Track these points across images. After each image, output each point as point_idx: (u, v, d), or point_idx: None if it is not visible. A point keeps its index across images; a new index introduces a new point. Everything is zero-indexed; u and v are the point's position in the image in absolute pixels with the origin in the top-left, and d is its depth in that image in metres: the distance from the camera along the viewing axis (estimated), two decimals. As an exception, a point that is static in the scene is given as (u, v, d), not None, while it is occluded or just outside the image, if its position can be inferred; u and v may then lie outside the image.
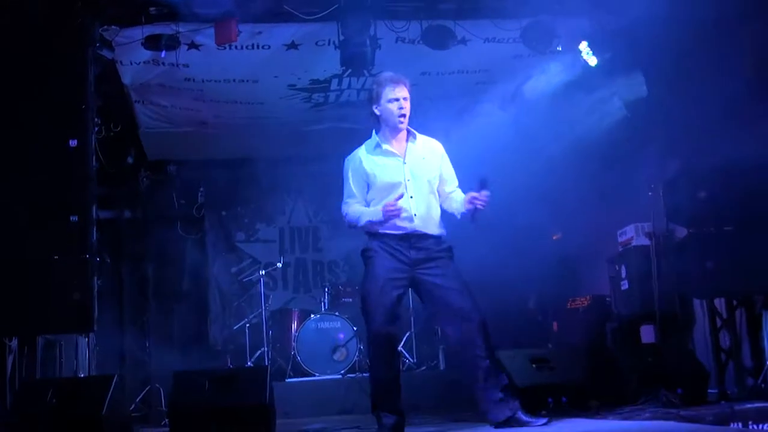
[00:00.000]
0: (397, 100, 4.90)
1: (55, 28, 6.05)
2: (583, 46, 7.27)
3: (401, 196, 4.79)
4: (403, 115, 4.92)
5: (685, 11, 6.02)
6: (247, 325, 9.22)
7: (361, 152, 5.04)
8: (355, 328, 8.58)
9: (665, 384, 5.63)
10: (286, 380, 8.28)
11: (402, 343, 8.91)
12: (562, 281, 8.66)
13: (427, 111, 8.12)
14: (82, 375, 7.03)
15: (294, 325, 9.12)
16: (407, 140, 4.99)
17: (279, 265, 9.63)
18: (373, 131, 5.09)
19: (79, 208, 5.76)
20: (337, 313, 8.82)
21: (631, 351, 6.35)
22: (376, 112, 4.99)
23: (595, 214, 8.23)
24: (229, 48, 6.92)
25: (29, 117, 5.85)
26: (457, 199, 4.98)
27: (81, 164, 5.85)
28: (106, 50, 6.83)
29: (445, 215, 5.07)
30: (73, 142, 5.80)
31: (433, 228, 4.91)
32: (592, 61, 7.30)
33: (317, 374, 8.37)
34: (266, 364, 8.36)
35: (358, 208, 4.94)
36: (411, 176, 4.90)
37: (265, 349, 8.82)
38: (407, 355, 8.71)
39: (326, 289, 9.43)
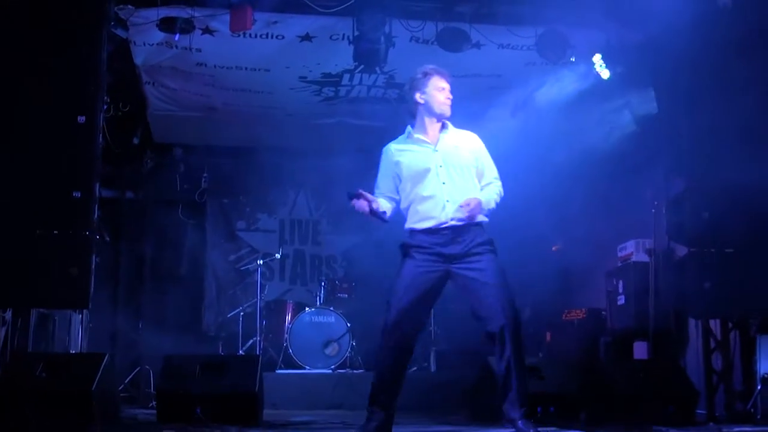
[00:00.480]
0: (444, 90, 4.92)
1: (71, 3, 6.04)
2: (597, 58, 7.27)
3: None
4: (448, 105, 4.91)
5: (700, 31, 6.03)
6: (241, 313, 9.23)
7: (393, 144, 5.04)
8: (348, 324, 8.58)
9: (655, 401, 5.63)
10: (277, 371, 8.29)
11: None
12: (558, 292, 8.66)
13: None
14: (74, 351, 7.04)
15: (288, 317, 9.12)
16: (440, 131, 4.96)
17: (277, 255, 9.63)
18: (408, 126, 5.05)
19: (83, 185, 5.73)
20: (332, 308, 8.83)
21: (623, 366, 6.34)
22: (420, 99, 4.94)
23: (596, 226, 8.24)
24: (242, 35, 6.92)
25: (40, 90, 5.83)
26: (484, 188, 4.93)
27: (88, 141, 5.82)
28: (120, 29, 6.82)
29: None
30: (81, 119, 5.78)
31: (470, 216, 4.76)
32: (605, 73, 7.30)
33: (308, 367, 8.37)
34: (258, 353, 8.36)
35: (381, 203, 4.91)
36: (443, 163, 4.84)
37: (258, 338, 8.82)
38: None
39: (323, 284, 9.43)
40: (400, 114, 8.84)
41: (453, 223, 4.75)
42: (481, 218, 4.82)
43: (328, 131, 9.55)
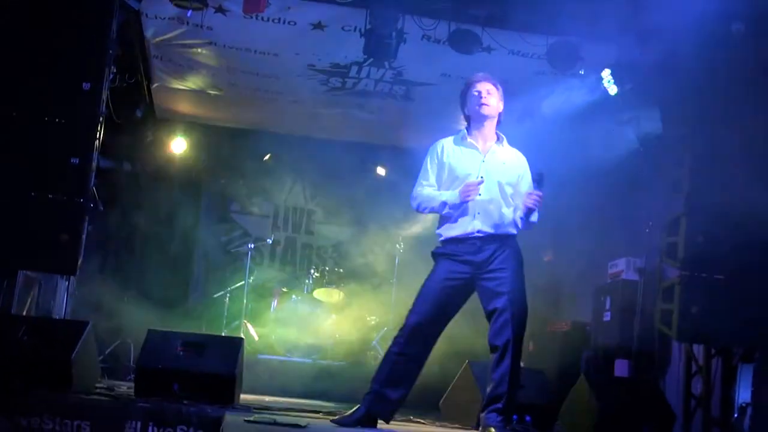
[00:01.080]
0: (479, 92, 4.95)
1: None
2: (606, 73, 7.28)
3: (482, 181, 4.80)
4: (483, 104, 4.93)
5: (711, 55, 6.03)
6: (228, 295, 9.22)
7: (446, 141, 5.07)
8: (333, 316, 8.58)
9: (631, 420, 5.63)
10: (258, 356, 8.28)
11: (378, 338, 8.94)
12: (545, 302, 8.66)
13: (440, 112, 8.13)
14: (57, 317, 7.03)
15: (274, 303, 9.12)
16: (495, 142, 5.01)
17: (269, 241, 9.65)
18: (464, 127, 5.11)
19: (82, 152, 5.72)
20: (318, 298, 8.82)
21: (603, 382, 6.34)
22: (465, 111, 5.07)
23: (589, 240, 8.24)
24: (255, 18, 6.91)
25: (47, 54, 5.81)
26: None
27: (91, 108, 5.80)
28: (132, 0, 6.82)
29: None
30: (86, 85, 5.77)
31: (498, 229, 4.86)
32: (613, 89, 7.31)
33: (289, 355, 8.37)
34: (240, 336, 8.34)
35: (431, 192, 4.95)
36: (486, 174, 4.89)
37: (242, 321, 8.82)
38: (380, 349, 8.70)
39: (311, 272, 9.42)
40: (406, 110, 8.92)
41: (479, 235, 4.83)
42: (511, 230, 4.91)
43: (331, 122, 9.54)
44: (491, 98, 4.96)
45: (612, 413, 5.65)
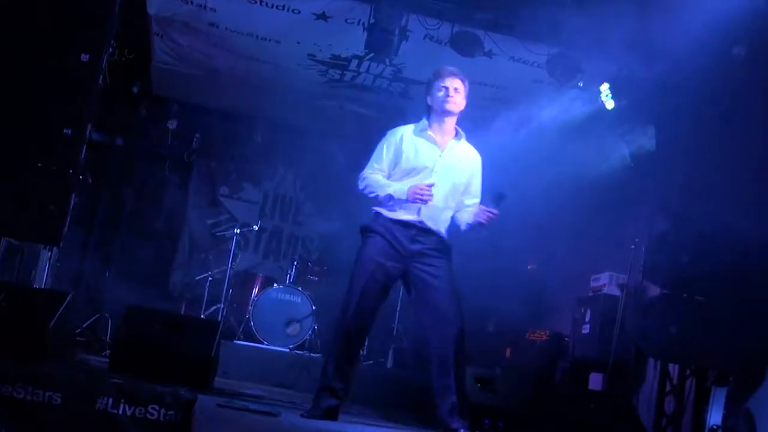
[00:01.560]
0: (446, 88, 4.94)
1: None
2: (604, 87, 7.31)
3: (433, 185, 4.77)
4: (448, 102, 4.93)
5: (710, 78, 6.04)
6: (210, 278, 9.21)
7: (406, 129, 5.06)
8: (314, 308, 8.57)
9: (602, 434, 5.67)
10: (235, 341, 8.26)
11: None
12: (525, 311, 8.68)
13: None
14: (37, 287, 6.99)
15: (255, 290, 9.11)
16: (453, 137, 5.02)
17: (255, 227, 9.61)
18: (424, 117, 5.09)
19: (75, 123, 5.68)
20: (300, 288, 8.80)
21: (576, 394, 6.37)
22: (428, 102, 5.05)
23: (574, 252, 8.26)
24: (259, 3, 6.91)
25: (49, 22, 5.77)
26: (470, 212, 4.97)
27: (88, 80, 5.76)
28: (138, -26, 6.81)
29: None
30: (84, 57, 5.73)
31: (439, 226, 4.90)
32: (610, 104, 7.34)
33: (266, 343, 8.35)
34: (219, 320, 8.34)
35: (380, 179, 4.93)
36: (440, 170, 4.90)
37: (221, 306, 8.81)
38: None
39: (295, 263, 9.40)
40: (403, 108, 8.90)
41: (422, 225, 4.84)
42: (445, 231, 4.93)
43: (327, 113, 9.53)
44: (458, 96, 4.97)
45: (584, 426, 5.67)
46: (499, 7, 6.89)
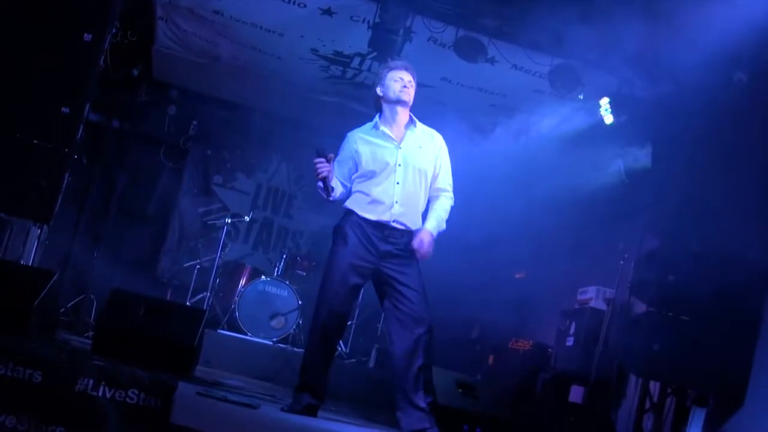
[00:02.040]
0: (402, 79, 4.93)
1: None
2: (604, 101, 7.32)
3: (329, 155, 4.71)
4: (404, 91, 4.92)
5: (710, 101, 6.07)
6: (198, 266, 9.19)
7: (358, 132, 5.04)
8: (300, 302, 8.56)
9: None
10: (218, 331, 8.25)
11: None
12: (510, 319, 8.69)
13: (432, 116, 8.12)
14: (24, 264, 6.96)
15: (243, 281, 9.09)
16: (407, 127, 4.98)
17: (246, 218, 9.60)
18: (377, 115, 5.07)
19: (74, 102, 5.65)
20: (287, 282, 8.80)
21: (556, 406, 6.39)
22: (379, 92, 5.00)
23: (563, 264, 8.27)
24: (266, -6, 6.89)
25: (54, 1, 5.75)
26: (433, 207, 4.97)
27: (89, 59, 5.73)
28: (144, -44, 6.80)
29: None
30: (87, 36, 5.71)
31: (412, 221, 4.87)
32: (608, 118, 7.34)
33: (249, 335, 8.34)
34: (204, 309, 8.32)
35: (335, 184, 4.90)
36: (403, 162, 4.87)
37: (208, 294, 8.79)
38: (341, 344, 8.70)
39: (284, 256, 9.40)
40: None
41: (394, 225, 4.83)
42: (418, 227, 4.88)
43: (325, 109, 9.51)
44: (411, 90, 4.96)
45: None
46: (505, 14, 6.89)
